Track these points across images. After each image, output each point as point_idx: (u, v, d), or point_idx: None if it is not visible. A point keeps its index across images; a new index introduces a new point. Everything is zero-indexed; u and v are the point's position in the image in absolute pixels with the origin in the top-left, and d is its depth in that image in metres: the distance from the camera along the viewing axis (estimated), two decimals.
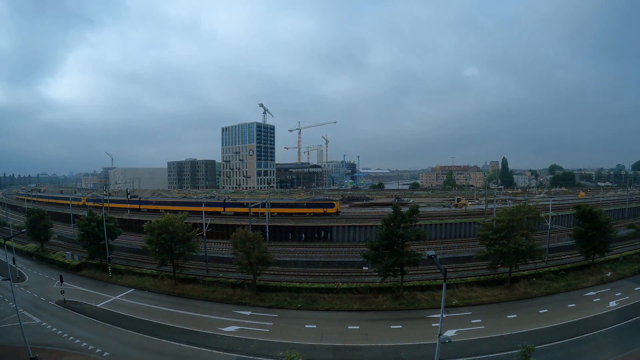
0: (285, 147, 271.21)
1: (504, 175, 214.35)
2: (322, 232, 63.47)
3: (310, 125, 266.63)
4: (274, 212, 73.31)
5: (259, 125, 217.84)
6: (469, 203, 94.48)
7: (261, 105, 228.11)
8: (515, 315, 32.97)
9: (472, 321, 31.98)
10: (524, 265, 40.36)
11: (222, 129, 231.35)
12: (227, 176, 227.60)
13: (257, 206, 74.55)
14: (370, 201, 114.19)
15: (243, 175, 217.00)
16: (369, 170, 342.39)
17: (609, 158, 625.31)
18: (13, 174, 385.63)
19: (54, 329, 32.54)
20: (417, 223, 39.48)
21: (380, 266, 36.62)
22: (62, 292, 39.19)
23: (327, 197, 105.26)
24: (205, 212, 55.64)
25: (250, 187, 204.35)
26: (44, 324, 33.79)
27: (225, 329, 31.83)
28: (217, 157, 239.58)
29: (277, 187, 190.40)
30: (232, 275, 43.45)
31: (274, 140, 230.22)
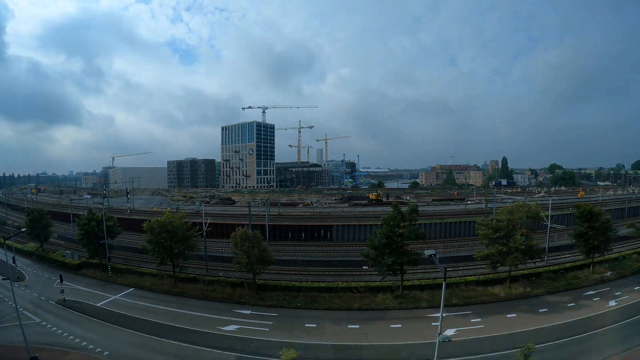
0: (289, 145, 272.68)
1: (504, 175, 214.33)
2: (322, 231, 63.47)
3: (307, 126, 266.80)
4: None
5: (258, 125, 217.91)
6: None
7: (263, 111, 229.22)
8: (514, 315, 33.00)
9: (472, 320, 32.02)
10: (523, 265, 40.36)
11: (222, 128, 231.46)
12: (226, 175, 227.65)
13: None
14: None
15: (243, 175, 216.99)
16: (368, 170, 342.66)
17: (608, 157, 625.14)
18: (13, 174, 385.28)
19: (54, 329, 32.54)
20: (416, 222, 39.52)
21: (380, 265, 36.65)
22: (62, 291, 39.13)
23: None
24: None
25: (250, 187, 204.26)
26: (43, 323, 33.79)
27: (225, 328, 31.84)
28: (217, 156, 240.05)
29: (276, 187, 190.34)
30: (232, 275, 43.43)
31: (273, 140, 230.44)
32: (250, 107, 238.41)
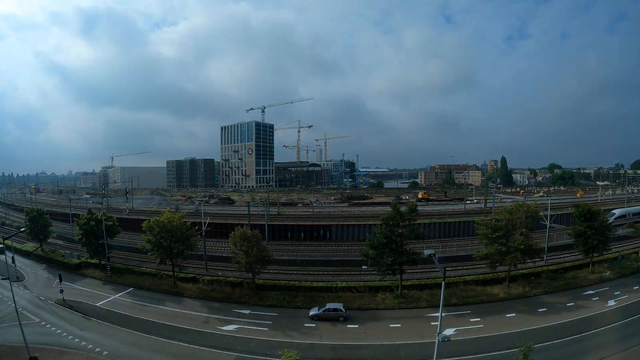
0: (284, 146, 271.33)
1: (503, 174, 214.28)
2: (321, 231, 63.47)
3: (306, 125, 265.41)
4: None
5: (257, 124, 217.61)
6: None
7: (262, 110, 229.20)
8: (514, 314, 33.06)
9: (471, 320, 32.08)
10: (522, 264, 40.38)
11: (222, 128, 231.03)
12: (226, 175, 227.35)
13: None
14: (369, 200, 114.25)
15: (242, 174, 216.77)
16: (368, 169, 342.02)
17: (608, 157, 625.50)
18: (12, 173, 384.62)
19: (53, 328, 32.52)
20: (416, 222, 39.51)
21: (380, 265, 36.66)
22: (62, 291, 39.10)
23: None
24: None
25: (249, 186, 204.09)
26: (43, 323, 33.78)
27: (225, 328, 31.86)
28: (216, 155, 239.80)
29: (275, 186, 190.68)
30: (231, 274, 43.40)
31: (273, 139, 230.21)
32: (252, 109, 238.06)
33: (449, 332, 28.47)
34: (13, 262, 49.56)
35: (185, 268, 45.26)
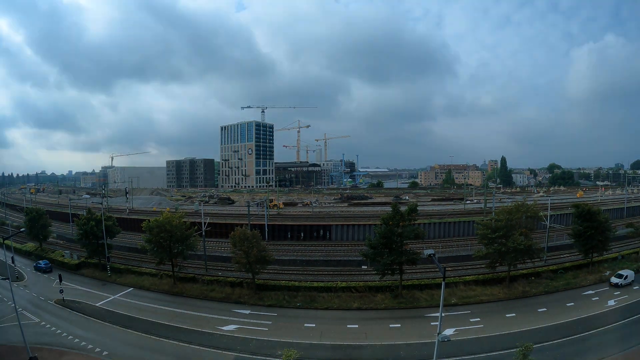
0: (284, 146, 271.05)
1: (503, 174, 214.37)
2: (321, 231, 63.48)
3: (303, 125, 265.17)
4: None
5: (257, 124, 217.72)
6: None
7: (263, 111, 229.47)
8: (514, 314, 33.06)
9: (471, 320, 32.08)
10: (522, 264, 40.42)
11: (221, 128, 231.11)
12: (226, 175, 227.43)
13: None
14: (369, 200, 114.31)
15: (242, 174, 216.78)
16: (367, 169, 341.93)
17: (607, 157, 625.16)
18: (12, 173, 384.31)
19: (53, 329, 32.50)
20: (415, 222, 39.53)
21: (379, 265, 36.67)
22: (61, 291, 39.11)
23: None
24: None
25: (249, 186, 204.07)
26: (43, 323, 33.75)
27: (224, 328, 31.85)
28: (216, 155, 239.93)
29: (275, 186, 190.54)
30: (231, 274, 43.43)
31: (272, 139, 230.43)
32: (249, 107, 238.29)
33: (448, 332, 28.45)
34: (13, 262, 49.63)
35: (185, 268, 45.32)
